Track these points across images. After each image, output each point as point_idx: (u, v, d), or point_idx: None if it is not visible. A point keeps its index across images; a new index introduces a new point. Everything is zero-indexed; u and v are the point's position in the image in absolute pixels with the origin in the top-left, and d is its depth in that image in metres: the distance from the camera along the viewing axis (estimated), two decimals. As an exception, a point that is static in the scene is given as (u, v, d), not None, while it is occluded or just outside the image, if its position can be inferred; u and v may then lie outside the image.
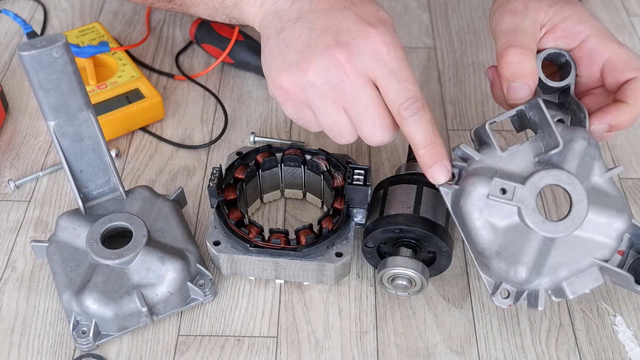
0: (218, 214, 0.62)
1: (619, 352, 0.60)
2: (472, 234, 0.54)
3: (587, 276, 0.54)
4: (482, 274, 0.55)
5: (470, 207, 0.53)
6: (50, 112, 0.58)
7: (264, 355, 0.59)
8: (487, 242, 0.53)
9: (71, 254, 0.61)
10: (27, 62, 0.54)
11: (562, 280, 0.54)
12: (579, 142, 0.54)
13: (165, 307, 0.60)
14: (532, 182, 0.53)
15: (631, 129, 0.77)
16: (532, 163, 0.54)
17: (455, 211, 0.55)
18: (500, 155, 0.54)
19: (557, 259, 0.53)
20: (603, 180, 0.54)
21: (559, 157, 0.54)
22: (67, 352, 0.59)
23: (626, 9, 0.92)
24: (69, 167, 0.61)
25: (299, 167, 0.67)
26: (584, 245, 0.54)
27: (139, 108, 0.76)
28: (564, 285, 0.54)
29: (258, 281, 0.64)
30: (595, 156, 0.55)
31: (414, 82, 0.53)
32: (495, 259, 0.53)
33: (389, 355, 0.60)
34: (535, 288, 0.54)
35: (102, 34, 0.84)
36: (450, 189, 0.55)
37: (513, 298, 0.55)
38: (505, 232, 0.53)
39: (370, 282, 0.64)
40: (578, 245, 0.54)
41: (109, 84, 0.77)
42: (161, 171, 0.74)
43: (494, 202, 0.53)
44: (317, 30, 0.53)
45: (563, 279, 0.54)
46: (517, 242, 0.53)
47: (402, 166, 0.67)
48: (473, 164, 0.54)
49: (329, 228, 0.61)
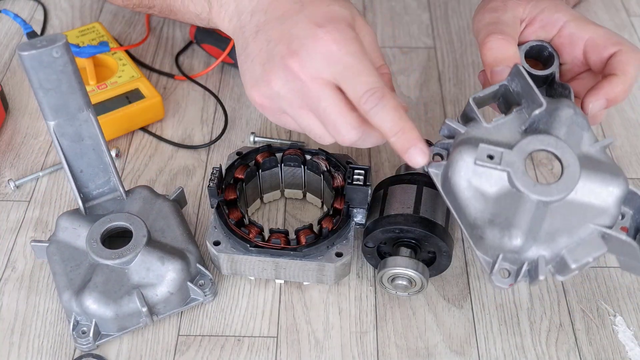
0: (218, 214, 0.62)
1: (619, 352, 0.60)
2: (463, 206, 0.52)
3: (589, 244, 0.51)
4: (478, 252, 0.53)
5: (458, 178, 0.52)
6: (51, 112, 0.58)
7: (264, 355, 0.59)
8: (479, 211, 0.52)
9: (71, 254, 0.61)
10: (27, 62, 0.54)
11: (562, 249, 0.51)
12: (564, 110, 0.53)
13: (165, 307, 0.60)
14: (520, 147, 0.52)
15: (631, 129, 0.78)
16: (518, 133, 0.53)
17: (445, 188, 0.54)
18: (486, 126, 0.53)
19: (554, 225, 0.52)
20: (594, 150, 0.53)
21: (545, 125, 0.53)
22: (67, 352, 0.60)
23: (626, 9, 0.92)
24: (69, 167, 0.61)
25: (299, 167, 0.67)
26: (581, 210, 0.52)
27: (139, 108, 0.76)
28: (565, 253, 0.51)
29: (258, 281, 0.64)
30: (584, 126, 0.54)
31: (370, 73, 0.52)
32: (489, 227, 0.52)
33: (389, 355, 0.60)
34: (533, 258, 0.52)
35: (102, 33, 0.84)
36: (439, 169, 0.54)
37: (513, 277, 0.52)
38: (497, 200, 0.52)
39: (370, 282, 0.64)
40: (574, 210, 0.52)
41: (109, 84, 0.77)
42: (161, 171, 0.74)
43: (482, 170, 0.51)
44: (274, 41, 0.54)
45: (562, 247, 0.51)
46: (509, 208, 0.51)
47: (402, 166, 0.67)
48: (459, 137, 0.54)
49: (329, 228, 0.61)
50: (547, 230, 0.52)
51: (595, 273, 0.65)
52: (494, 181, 0.52)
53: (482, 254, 0.53)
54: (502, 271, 0.52)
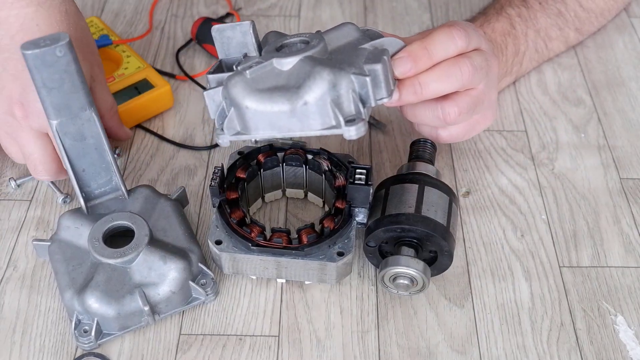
0: (220, 214, 0.62)
1: (620, 351, 0.60)
2: (270, 107, 0.53)
3: (374, 52, 0.56)
4: (343, 130, 0.53)
5: (248, 99, 0.53)
6: (53, 111, 0.58)
7: (266, 354, 0.60)
8: (287, 101, 0.53)
9: (73, 253, 0.61)
10: (31, 61, 0.54)
11: (362, 64, 0.54)
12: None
13: (167, 306, 0.60)
14: (266, 50, 0.57)
15: (632, 130, 0.78)
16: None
17: (238, 107, 0.54)
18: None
19: (340, 60, 0.54)
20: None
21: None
22: (69, 351, 0.60)
23: (626, 10, 0.92)
24: (72, 166, 0.61)
25: (300, 167, 0.67)
26: (347, 47, 0.57)
27: (149, 98, 0.76)
28: (365, 66, 0.54)
29: (260, 280, 0.64)
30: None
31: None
32: (300, 94, 0.52)
33: (390, 355, 0.60)
34: (350, 82, 0.53)
35: (101, 27, 0.84)
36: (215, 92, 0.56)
37: (361, 113, 0.53)
38: (287, 79, 0.53)
39: (371, 281, 0.64)
40: (344, 49, 0.56)
41: (117, 77, 0.78)
42: (163, 171, 0.74)
43: (255, 74, 0.54)
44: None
45: (361, 64, 0.54)
46: (298, 75, 0.53)
47: (403, 166, 0.67)
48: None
49: (331, 227, 0.61)
50: (339, 62, 0.54)
51: (597, 273, 0.65)
52: (274, 74, 0.54)
53: (323, 126, 0.53)
54: (348, 122, 0.53)
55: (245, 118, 0.54)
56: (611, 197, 0.71)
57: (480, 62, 0.60)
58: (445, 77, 0.59)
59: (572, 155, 0.75)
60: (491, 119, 0.67)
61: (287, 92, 0.52)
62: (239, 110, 0.54)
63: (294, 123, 0.53)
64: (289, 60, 0.54)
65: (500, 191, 0.72)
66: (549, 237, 0.68)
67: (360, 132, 0.52)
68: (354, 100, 0.53)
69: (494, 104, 0.67)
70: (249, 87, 0.53)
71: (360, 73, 0.53)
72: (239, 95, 0.53)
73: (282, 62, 0.54)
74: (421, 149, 0.68)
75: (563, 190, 0.72)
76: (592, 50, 0.87)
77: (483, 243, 0.67)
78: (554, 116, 0.79)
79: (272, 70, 0.54)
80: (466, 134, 0.66)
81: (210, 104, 0.57)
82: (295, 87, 0.52)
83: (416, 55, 0.57)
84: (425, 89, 0.58)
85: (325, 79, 0.52)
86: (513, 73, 0.77)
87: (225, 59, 0.59)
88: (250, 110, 0.53)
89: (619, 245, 0.67)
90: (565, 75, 0.84)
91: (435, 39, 0.58)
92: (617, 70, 0.84)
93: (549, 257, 0.66)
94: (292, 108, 0.52)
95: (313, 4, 0.94)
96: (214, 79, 0.58)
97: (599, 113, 0.79)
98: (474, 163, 0.74)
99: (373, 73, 0.54)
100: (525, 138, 0.77)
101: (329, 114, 0.52)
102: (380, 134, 0.77)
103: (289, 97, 0.52)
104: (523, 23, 0.75)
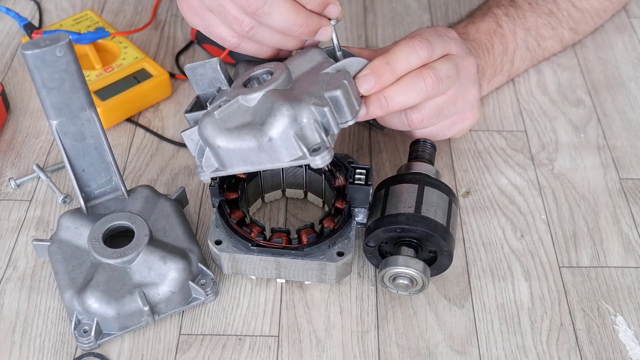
0: (219, 214, 0.62)
1: (620, 351, 0.60)
2: (243, 149, 0.54)
3: (335, 77, 0.57)
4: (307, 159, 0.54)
5: (217, 137, 0.54)
6: (53, 111, 0.58)
7: (265, 354, 0.60)
8: (253, 136, 0.54)
9: (73, 253, 0.61)
10: (31, 61, 0.54)
11: (322, 93, 0.55)
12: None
13: (167, 307, 0.60)
14: (234, 86, 0.58)
15: (631, 130, 0.78)
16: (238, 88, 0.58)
17: (211, 146, 0.56)
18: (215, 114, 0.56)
19: (301, 90, 0.56)
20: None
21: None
22: (69, 351, 0.60)
23: (626, 10, 0.92)
24: (71, 166, 0.61)
25: (300, 167, 0.67)
26: (310, 73, 0.58)
27: (148, 86, 0.78)
28: (325, 94, 0.55)
29: (259, 280, 0.64)
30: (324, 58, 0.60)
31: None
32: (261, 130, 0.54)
33: (390, 355, 0.60)
34: (310, 112, 0.54)
35: (96, 20, 0.85)
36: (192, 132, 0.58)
37: (324, 140, 0.54)
38: (254, 115, 0.55)
39: (371, 281, 0.64)
40: (306, 77, 0.58)
41: (115, 67, 0.79)
42: (162, 171, 0.74)
43: (225, 115, 0.55)
44: None
45: (321, 92, 0.55)
46: (262, 109, 0.54)
47: (403, 166, 0.67)
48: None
49: (331, 227, 0.61)
50: (300, 93, 0.55)
51: (596, 273, 0.65)
52: (241, 112, 0.55)
53: (291, 158, 0.54)
54: (314, 151, 0.54)
55: (219, 156, 0.55)
56: (611, 197, 0.71)
57: (447, 70, 0.61)
58: (410, 90, 0.60)
59: (572, 156, 0.75)
60: (472, 118, 0.68)
61: (253, 130, 0.54)
62: (213, 150, 0.55)
63: (264, 157, 0.54)
64: (253, 96, 0.55)
65: (500, 191, 0.72)
66: (549, 237, 0.68)
67: (325, 160, 0.53)
68: (317, 129, 0.54)
69: (474, 104, 0.67)
70: (219, 128, 0.55)
71: (320, 103, 0.54)
72: (210, 136, 0.55)
73: (247, 99, 0.55)
74: (421, 149, 0.68)
75: (563, 190, 0.72)
76: (592, 50, 0.87)
77: (483, 243, 0.67)
78: (554, 116, 0.79)
79: (239, 108, 0.55)
80: (441, 134, 0.68)
81: (189, 143, 0.59)
82: (259, 124, 0.54)
83: (379, 71, 0.59)
84: (390, 103, 0.60)
85: (284, 114, 0.53)
86: (505, 72, 0.77)
87: (202, 94, 0.62)
88: (222, 149, 0.55)
89: (619, 245, 0.67)
90: (565, 75, 0.84)
91: (397, 53, 0.59)
92: (616, 70, 0.84)
93: (548, 257, 0.66)
94: (259, 144, 0.54)
95: (313, 4, 0.94)
96: (192, 118, 0.60)
97: (599, 113, 0.79)
98: (474, 163, 0.74)
99: (334, 100, 0.55)
100: (525, 138, 0.77)
101: (294, 146, 0.54)
102: (380, 134, 0.77)
103: (254, 134, 0.54)
104: (511, 22, 0.75)
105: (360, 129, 0.78)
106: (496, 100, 0.81)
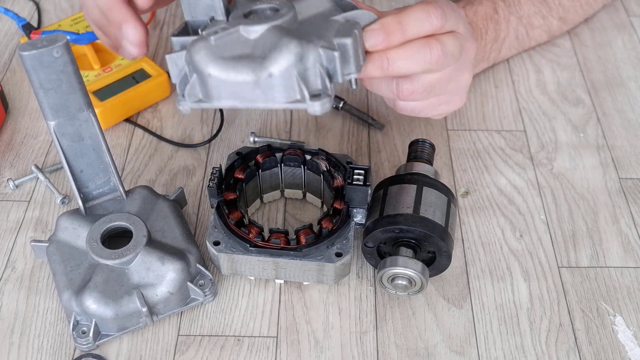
0: (218, 214, 0.62)
1: (619, 352, 0.60)
2: (234, 76, 0.51)
3: (346, 25, 0.53)
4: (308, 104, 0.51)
5: (211, 64, 0.51)
6: (51, 111, 0.58)
7: (264, 355, 0.60)
8: (249, 67, 0.51)
9: (71, 254, 0.61)
10: (28, 62, 0.54)
11: (331, 38, 0.52)
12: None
13: (165, 307, 0.60)
14: (234, 15, 0.54)
15: (631, 130, 0.78)
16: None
17: (200, 74, 0.52)
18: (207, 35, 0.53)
19: (311, 28, 0.53)
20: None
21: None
22: (67, 352, 0.60)
23: (626, 9, 0.92)
24: (69, 167, 0.61)
25: (298, 167, 0.67)
26: (318, 19, 0.54)
27: (147, 87, 0.78)
28: (334, 40, 0.51)
29: (258, 281, 0.64)
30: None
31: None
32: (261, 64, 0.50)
33: (388, 355, 0.60)
34: (318, 55, 0.51)
35: None
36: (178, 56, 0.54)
37: (326, 89, 0.51)
38: (254, 46, 0.51)
39: (370, 282, 0.64)
40: (314, 20, 0.54)
41: (114, 67, 0.79)
42: (161, 171, 0.74)
43: (222, 42, 0.51)
44: None
45: (331, 37, 0.52)
46: (267, 42, 0.51)
47: (401, 166, 0.67)
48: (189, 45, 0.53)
49: (329, 228, 0.61)
50: (309, 34, 0.52)
51: (595, 273, 0.65)
52: (240, 42, 0.52)
53: (288, 99, 0.51)
54: (313, 97, 0.51)
55: (207, 86, 0.51)
56: (610, 197, 0.71)
57: (453, 48, 0.59)
58: (414, 57, 0.57)
59: (571, 155, 0.75)
60: (459, 103, 0.65)
61: (252, 63, 0.50)
62: (202, 78, 0.51)
63: (258, 95, 0.51)
64: (256, 29, 0.51)
65: (499, 191, 0.72)
66: (548, 237, 0.68)
67: (325, 108, 0.50)
68: (321, 74, 0.51)
69: (463, 90, 0.65)
70: (213, 54, 0.51)
71: (329, 47, 0.51)
72: (201, 62, 0.51)
73: (249, 30, 0.51)
74: (420, 149, 0.67)
75: (562, 190, 0.72)
76: (591, 49, 0.87)
77: (482, 243, 0.67)
78: (553, 116, 0.79)
79: (238, 38, 0.51)
80: (424, 112, 0.65)
81: (173, 68, 0.54)
82: (260, 57, 0.50)
83: (389, 29, 0.55)
84: (392, 65, 0.57)
85: (292, 51, 0.50)
86: (491, 59, 0.76)
87: (192, 21, 0.56)
88: (212, 78, 0.50)
89: (618, 245, 0.67)
90: (565, 74, 0.83)
91: (411, 15, 0.56)
92: (616, 70, 0.84)
93: (547, 258, 0.66)
94: (256, 79, 0.50)
95: (312, 3, 0.94)
96: (178, 42, 0.55)
97: (598, 113, 0.79)
98: (473, 163, 0.74)
99: (342, 47, 0.52)
100: (524, 138, 0.77)
101: (294, 87, 0.50)
102: (379, 134, 0.77)
103: (253, 68, 0.50)
104: (506, 9, 0.75)
105: (359, 128, 0.77)
106: (495, 100, 0.81)
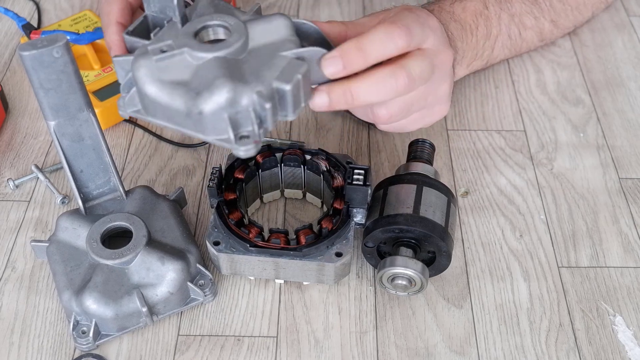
0: (218, 214, 0.62)
1: (619, 352, 0.60)
2: (172, 106, 0.51)
3: (290, 66, 0.51)
4: (211, 138, 0.51)
5: (150, 85, 0.51)
6: (51, 112, 0.58)
7: (264, 355, 0.60)
8: (184, 96, 0.50)
9: (71, 254, 0.61)
10: (28, 62, 0.54)
11: (271, 82, 0.50)
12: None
13: (165, 307, 0.60)
14: (185, 30, 0.52)
15: (631, 130, 0.78)
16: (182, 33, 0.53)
17: (146, 108, 0.52)
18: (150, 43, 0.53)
19: (253, 67, 0.51)
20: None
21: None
22: (67, 351, 0.60)
23: (626, 9, 0.92)
24: (69, 167, 0.61)
25: (298, 167, 0.67)
26: (268, 49, 0.52)
27: None
28: (275, 83, 0.50)
29: (258, 281, 0.64)
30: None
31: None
32: (198, 99, 0.50)
33: (388, 355, 0.60)
34: (251, 100, 0.50)
35: (94, 20, 0.85)
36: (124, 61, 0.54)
37: (254, 134, 0.50)
38: (193, 78, 0.51)
39: (370, 282, 0.64)
40: (263, 52, 0.52)
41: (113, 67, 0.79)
42: (161, 171, 0.74)
43: (164, 63, 0.51)
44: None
45: (270, 80, 0.50)
46: (205, 75, 0.50)
47: (401, 166, 0.67)
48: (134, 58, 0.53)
49: (329, 228, 0.61)
50: (250, 72, 0.51)
51: (595, 273, 0.65)
52: (182, 66, 0.51)
53: (216, 136, 0.51)
54: (241, 139, 0.51)
55: (144, 102, 0.52)
56: (610, 197, 0.71)
57: (420, 70, 0.56)
58: (379, 88, 0.55)
59: (571, 155, 0.75)
60: (442, 112, 0.64)
61: (186, 95, 0.50)
62: (140, 93, 0.52)
63: (189, 123, 0.51)
64: (200, 56, 0.51)
65: (499, 191, 0.72)
66: (548, 237, 0.68)
67: (249, 153, 0.50)
68: (252, 119, 0.50)
69: (444, 99, 0.63)
70: (152, 75, 0.50)
71: (264, 94, 0.50)
72: (141, 80, 0.51)
73: (193, 55, 0.51)
74: (419, 149, 0.67)
75: (562, 190, 0.72)
76: (592, 49, 0.87)
77: (482, 243, 0.67)
78: (553, 116, 0.79)
79: (182, 61, 0.51)
80: (408, 127, 0.63)
81: (119, 71, 0.54)
82: (195, 91, 0.50)
83: (349, 56, 0.53)
84: (357, 99, 0.55)
85: (223, 95, 0.49)
86: (484, 57, 0.75)
87: (151, 17, 0.56)
88: (149, 97, 0.51)
89: (618, 245, 0.67)
90: (565, 74, 0.83)
91: (372, 38, 0.54)
92: (616, 69, 0.84)
93: (547, 258, 0.66)
94: (188, 112, 0.50)
95: (312, 3, 0.94)
96: (130, 42, 0.55)
97: (598, 113, 0.79)
98: (473, 163, 0.74)
99: (281, 92, 0.51)
100: (524, 138, 0.77)
101: (223, 127, 0.50)
102: (379, 134, 0.77)
103: (186, 100, 0.50)
104: (497, 5, 0.74)
105: (359, 128, 0.77)
106: (495, 100, 0.81)
